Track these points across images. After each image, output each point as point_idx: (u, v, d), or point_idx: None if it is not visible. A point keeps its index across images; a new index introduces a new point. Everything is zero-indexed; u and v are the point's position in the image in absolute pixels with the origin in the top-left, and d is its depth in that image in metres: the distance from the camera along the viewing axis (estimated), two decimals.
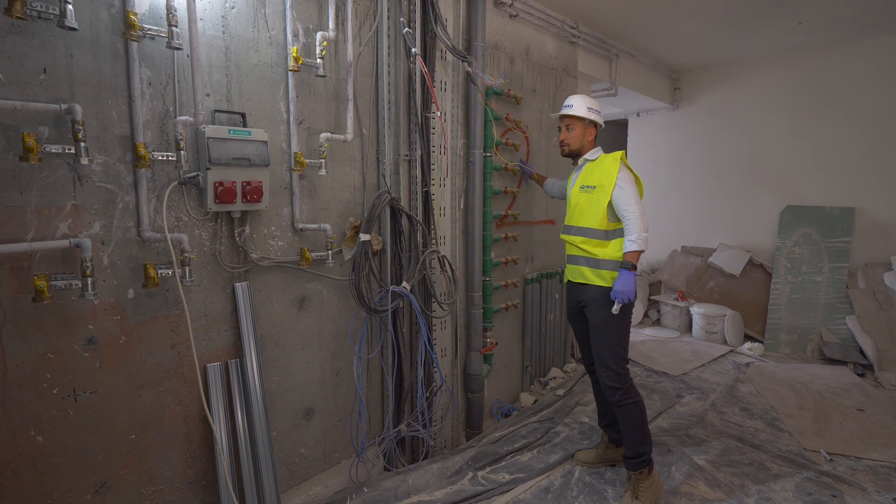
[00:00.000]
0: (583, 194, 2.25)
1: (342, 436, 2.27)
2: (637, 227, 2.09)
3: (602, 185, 2.17)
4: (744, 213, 4.98)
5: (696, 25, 3.79)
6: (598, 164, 2.26)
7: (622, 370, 2.17)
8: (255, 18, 1.81)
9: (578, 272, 2.27)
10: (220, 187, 1.66)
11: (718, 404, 3.21)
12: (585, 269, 2.24)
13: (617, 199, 2.13)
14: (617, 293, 2.07)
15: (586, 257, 2.23)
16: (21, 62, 1.34)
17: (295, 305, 2.05)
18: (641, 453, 2.15)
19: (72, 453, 1.51)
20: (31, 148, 1.29)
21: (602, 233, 2.19)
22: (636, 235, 2.08)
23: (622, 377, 2.16)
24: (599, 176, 2.19)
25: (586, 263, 2.23)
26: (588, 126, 2.32)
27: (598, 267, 2.19)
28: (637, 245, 2.07)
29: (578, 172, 2.34)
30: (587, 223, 2.23)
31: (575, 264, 2.29)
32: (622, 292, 2.06)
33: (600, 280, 2.18)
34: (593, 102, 2.33)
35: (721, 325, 4.46)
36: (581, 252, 2.25)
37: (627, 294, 2.06)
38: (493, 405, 3.08)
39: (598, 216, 2.18)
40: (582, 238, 2.24)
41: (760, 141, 4.83)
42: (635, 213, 2.09)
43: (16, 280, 1.37)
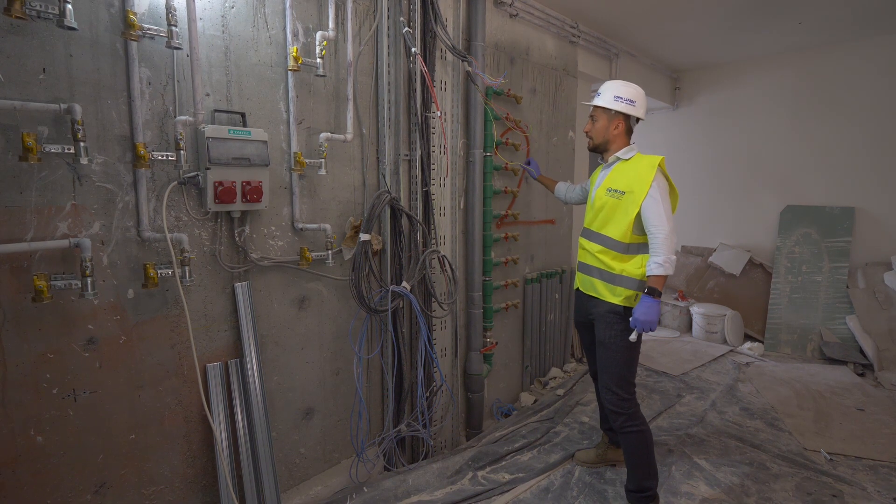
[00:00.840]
0: (609, 198, 2.01)
1: (342, 436, 2.27)
2: (665, 248, 1.85)
3: (632, 192, 1.94)
4: (744, 212, 4.97)
5: (697, 25, 3.79)
6: (631, 165, 2.01)
7: (627, 395, 2.00)
8: (254, 18, 1.81)
9: (590, 284, 2.11)
10: (220, 187, 1.66)
11: (718, 404, 3.21)
12: (598, 283, 2.06)
13: (647, 212, 1.90)
14: (637, 321, 1.86)
15: (601, 269, 2.05)
16: (21, 62, 1.34)
17: (295, 305, 2.05)
18: (645, 488, 2.00)
19: (72, 453, 1.51)
20: (30, 148, 1.29)
21: (623, 245, 1.98)
22: (664, 258, 1.85)
23: (627, 402, 2.00)
24: (631, 180, 1.96)
25: (600, 276, 2.06)
26: (615, 118, 2.05)
27: (612, 282, 2.01)
28: (664, 269, 1.85)
29: (607, 171, 2.10)
30: (609, 232, 2.02)
31: (587, 275, 2.12)
32: (644, 321, 1.85)
33: (613, 297, 2.00)
34: (627, 90, 2.05)
35: (721, 325, 4.46)
36: (597, 263, 2.06)
37: (650, 324, 1.85)
38: (493, 405, 3.07)
39: (623, 226, 1.96)
40: (600, 248, 2.05)
41: (760, 141, 4.83)
42: (665, 230, 1.86)
43: (16, 280, 1.37)
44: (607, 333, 2.02)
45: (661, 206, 1.89)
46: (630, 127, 2.09)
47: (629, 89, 2.05)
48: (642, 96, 2.08)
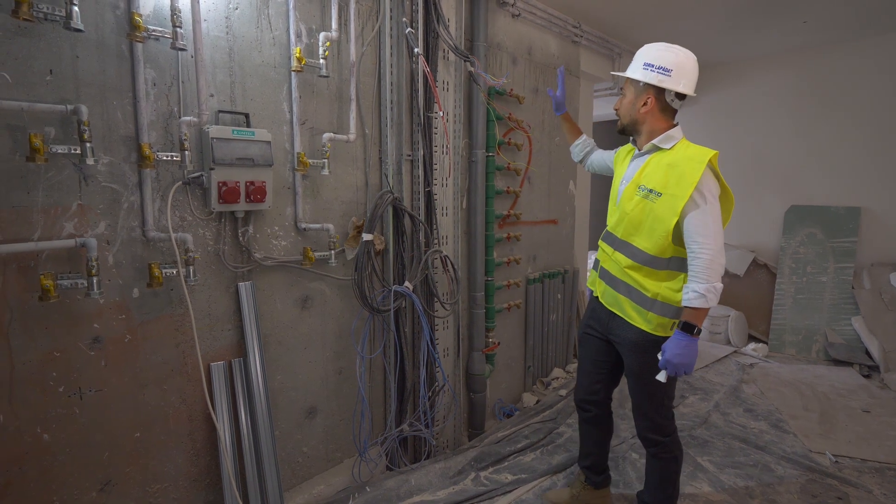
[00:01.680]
0: (640, 199, 1.62)
1: (345, 435, 2.28)
2: (709, 273, 1.47)
3: (673, 195, 1.53)
4: (747, 212, 4.95)
5: (699, 24, 3.78)
6: (670, 158, 1.59)
7: (666, 419, 1.74)
8: (258, 19, 1.82)
9: (615, 300, 1.75)
10: (224, 187, 1.67)
11: (722, 405, 3.20)
12: (626, 303, 1.69)
13: (690, 224, 1.51)
14: (670, 364, 1.52)
15: (630, 287, 1.67)
16: (28, 63, 1.35)
17: (298, 305, 2.06)
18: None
19: (77, 451, 1.52)
20: (37, 148, 1.31)
21: (663, 261, 1.60)
22: (706, 286, 1.47)
23: (665, 428, 1.73)
24: (670, 178, 1.55)
25: (628, 295, 1.68)
26: (644, 91, 1.63)
27: (644, 306, 1.64)
28: (705, 301, 1.48)
29: (640, 161, 1.69)
30: (640, 243, 1.63)
31: (612, 288, 1.76)
32: (678, 364, 1.50)
33: (645, 323, 1.64)
34: (662, 55, 1.60)
35: (725, 326, 4.44)
36: (625, 278, 1.69)
37: (686, 367, 1.51)
38: (496, 405, 3.08)
39: (658, 236, 1.58)
40: (629, 262, 1.66)
41: (764, 140, 4.81)
42: (711, 251, 1.48)
43: (23, 279, 1.39)
44: (642, 363, 1.68)
45: (708, 218, 1.50)
46: (667, 104, 1.63)
47: (666, 54, 1.59)
48: (687, 64, 1.60)
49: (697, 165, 1.53)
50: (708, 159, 1.54)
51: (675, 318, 1.62)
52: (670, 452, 1.77)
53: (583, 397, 1.98)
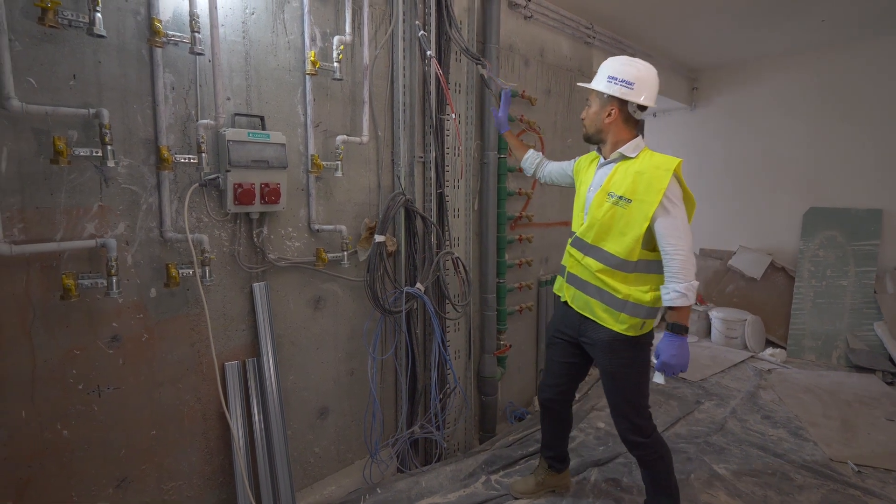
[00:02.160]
0: (610, 205, 1.69)
1: (356, 436, 2.29)
2: (685, 272, 1.56)
3: (643, 201, 1.62)
4: (765, 214, 4.87)
5: (715, 24, 3.74)
6: (638, 166, 1.68)
7: (644, 420, 1.78)
8: (273, 24, 1.85)
9: (585, 303, 1.80)
10: (240, 189, 1.70)
11: (739, 411, 3.14)
12: (596, 305, 1.75)
13: (662, 228, 1.60)
14: (666, 366, 1.59)
15: (601, 290, 1.73)
16: (52, 69, 1.39)
17: (311, 305, 2.08)
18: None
19: (95, 448, 1.55)
20: (61, 151, 1.34)
21: (631, 264, 1.67)
22: (684, 285, 1.56)
23: (645, 429, 1.78)
24: (639, 185, 1.64)
25: (599, 298, 1.74)
26: (608, 103, 1.72)
27: (615, 307, 1.70)
28: (686, 299, 1.56)
29: (607, 169, 1.77)
30: (610, 247, 1.70)
31: (582, 291, 1.81)
32: (674, 366, 1.57)
33: (616, 324, 1.71)
34: (625, 68, 1.69)
35: (741, 330, 4.37)
36: (596, 282, 1.74)
37: (682, 367, 1.58)
38: (507, 408, 3.06)
39: (628, 241, 1.65)
40: (601, 266, 1.72)
41: (781, 141, 4.73)
42: (684, 251, 1.57)
43: (45, 279, 1.42)
44: (616, 363, 1.75)
45: (678, 222, 1.59)
46: (629, 115, 1.72)
47: (629, 68, 1.69)
48: (647, 78, 1.71)
49: (664, 173, 1.62)
50: (674, 167, 1.63)
51: (646, 318, 1.71)
52: (655, 453, 1.81)
53: (549, 396, 2.05)
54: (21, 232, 1.38)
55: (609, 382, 1.81)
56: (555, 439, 2.14)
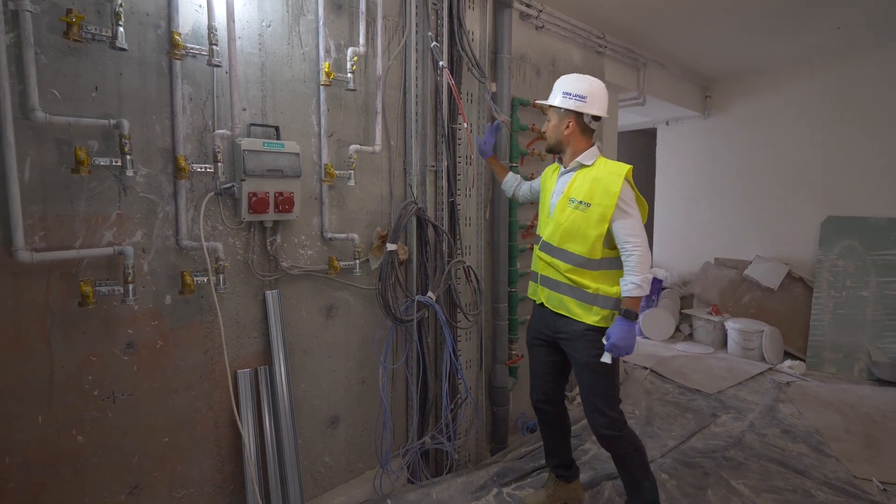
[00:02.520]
0: (572, 210, 1.85)
1: (366, 446, 2.27)
2: (641, 267, 1.75)
3: (600, 205, 1.79)
4: (781, 223, 4.79)
5: (728, 33, 3.72)
6: (594, 173, 1.85)
7: (618, 413, 1.89)
8: (289, 36, 1.88)
9: (559, 301, 1.93)
10: (254, 198, 1.72)
11: (757, 425, 3.06)
12: (570, 302, 1.89)
13: (619, 228, 1.78)
14: (615, 347, 1.75)
15: (572, 287, 1.88)
16: (75, 81, 1.43)
17: (322, 314, 2.08)
18: (653, 501, 1.92)
19: (109, 454, 1.56)
20: (81, 161, 1.37)
21: (595, 262, 1.84)
22: (640, 278, 1.74)
23: (619, 422, 1.88)
24: (596, 191, 1.80)
25: (571, 294, 1.88)
26: (566, 116, 1.89)
27: (587, 301, 1.85)
28: (641, 290, 1.74)
29: (567, 178, 1.93)
30: (575, 248, 1.86)
31: (555, 291, 1.94)
32: (622, 347, 1.74)
33: (592, 317, 1.85)
34: (578, 84, 1.88)
35: (758, 342, 4.28)
36: (566, 281, 1.89)
37: (628, 349, 1.75)
38: (518, 419, 3.02)
39: (590, 242, 1.82)
40: (568, 266, 1.88)
41: (797, 149, 4.66)
42: (640, 247, 1.76)
43: (64, 285, 1.45)
44: (590, 353, 1.85)
45: (634, 221, 1.78)
46: (585, 126, 1.90)
47: (580, 84, 1.88)
48: (598, 91, 1.89)
49: (617, 178, 1.79)
50: (625, 173, 1.80)
51: (615, 309, 1.85)
52: (630, 445, 1.90)
53: (539, 397, 2.13)
54: (42, 239, 1.41)
55: (584, 375, 1.91)
56: (555, 444, 2.17)
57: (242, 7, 1.74)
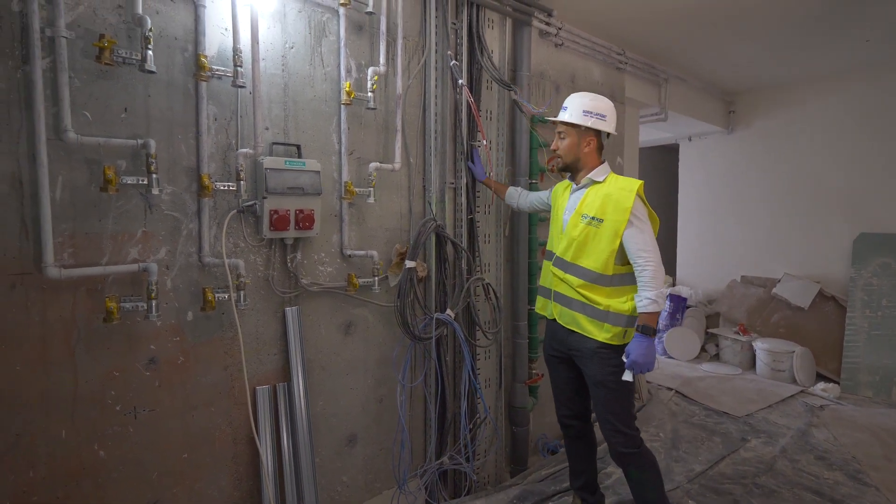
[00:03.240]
0: (584, 225, 1.86)
1: (384, 465, 2.24)
2: (655, 281, 1.73)
3: (612, 220, 1.80)
4: (811, 240, 4.64)
5: (752, 47, 3.67)
6: (606, 189, 1.86)
7: (633, 430, 1.89)
8: (311, 57, 1.92)
9: (571, 318, 1.93)
10: (275, 215, 1.74)
11: (790, 451, 2.93)
12: (582, 318, 1.89)
13: (631, 242, 1.78)
14: (636, 364, 1.73)
15: (583, 304, 1.88)
16: (106, 103, 1.47)
17: (341, 331, 2.08)
18: None
19: (130, 469, 1.57)
20: (110, 180, 1.41)
21: (607, 278, 1.84)
22: (655, 293, 1.73)
23: (636, 438, 1.88)
24: (608, 206, 1.82)
25: (583, 311, 1.88)
26: (586, 134, 1.92)
27: (598, 318, 1.85)
28: (657, 305, 1.73)
29: (579, 194, 1.95)
30: (588, 263, 1.86)
31: (567, 307, 1.94)
32: (642, 364, 1.72)
33: (601, 334, 1.85)
34: (596, 103, 1.92)
35: (789, 363, 4.11)
36: (578, 297, 1.89)
37: (649, 365, 1.72)
38: (539, 440, 2.95)
39: (603, 257, 1.82)
40: (580, 282, 1.87)
41: (827, 164, 4.53)
42: (653, 261, 1.75)
43: (90, 301, 1.48)
44: (604, 371, 1.85)
45: (646, 236, 1.78)
46: (602, 144, 1.96)
47: (599, 103, 1.92)
48: (612, 109, 1.96)
49: (629, 194, 1.80)
50: (636, 188, 1.81)
51: (627, 326, 1.84)
52: (647, 461, 1.89)
53: (564, 413, 2.12)
54: (70, 256, 1.44)
55: (598, 393, 1.90)
56: (581, 463, 2.15)
57: (267, 30, 1.78)
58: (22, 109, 1.35)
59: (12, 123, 1.34)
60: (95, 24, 1.44)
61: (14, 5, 1.33)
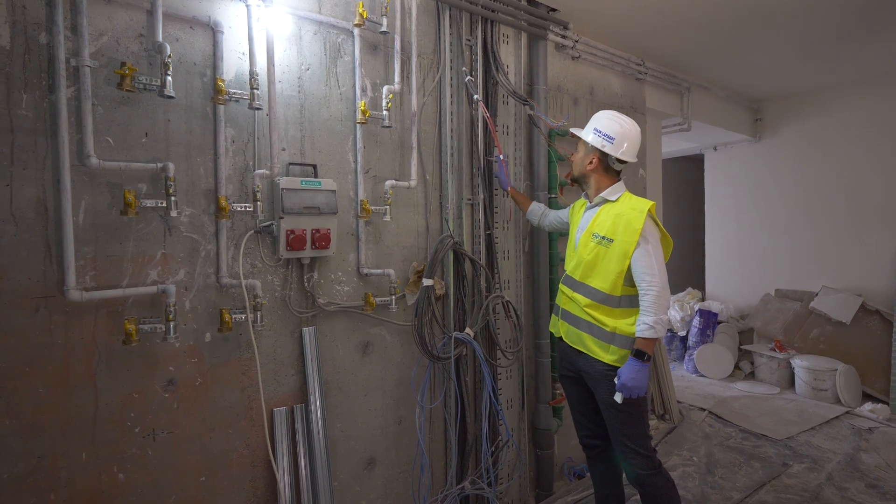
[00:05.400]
0: (595, 245, 1.84)
1: (404, 489, 2.18)
2: (656, 307, 1.70)
3: (622, 241, 1.77)
4: (850, 252, 4.41)
5: (779, 55, 3.56)
6: (618, 208, 1.83)
7: (649, 451, 1.84)
8: (327, 77, 1.94)
9: (578, 338, 1.91)
10: (292, 235, 1.74)
11: (837, 478, 2.73)
12: (588, 339, 1.87)
13: (637, 264, 1.74)
14: (625, 388, 1.71)
15: (590, 324, 1.86)
16: (127, 128, 1.51)
17: (359, 351, 2.05)
18: None
19: (148, 492, 1.56)
20: (130, 203, 1.43)
21: (615, 299, 1.81)
22: (654, 318, 1.69)
23: (651, 459, 1.83)
24: (619, 226, 1.79)
25: (590, 332, 1.86)
26: (591, 152, 1.89)
27: (604, 340, 1.82)
28: (654, 332, 1.69)
29: (592, 213, 1.93)
30: (595, 283, 1.84)
31: (574, 327, 1.93)
32: (632, 387, 1.70)
33: (609, 356, 1.82)
34: (609, 124, 1.86)
35: (832, 381, 3.88)
36: (585, 317, 1.87)
37: (639, 390, 1.70)
38: (565, 464, 2.83)
39: (611, 277, 1.79)
40: (588, 301, 1.86)
41: (864, 172, 4.33)
42: (657, 287, 1.71)
43: (111, 323, 1.49)
44: (611, 393, 1.79)
45: (653, 259, 1.73)
46: (608, 165, 1.89)
47: (612, 124, 1.85)
48: (630, 135, 1.86)
49: (639, 215, 1.77)
50: (647, 209, 1.78)
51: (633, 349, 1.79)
52: (666, 482, 1.84)
53: (584, 433, 2.07)
54: (92, 279, 1.46)
55: (610, 415, 1.86)
56: (605, 485, 2.08)
57: (283, 52, 1.81)
58: (48, 137, 1.39)
59: (38, 151, 1.38)
60: (118, 53, 1.49)
61: (41, 38, 1.38)
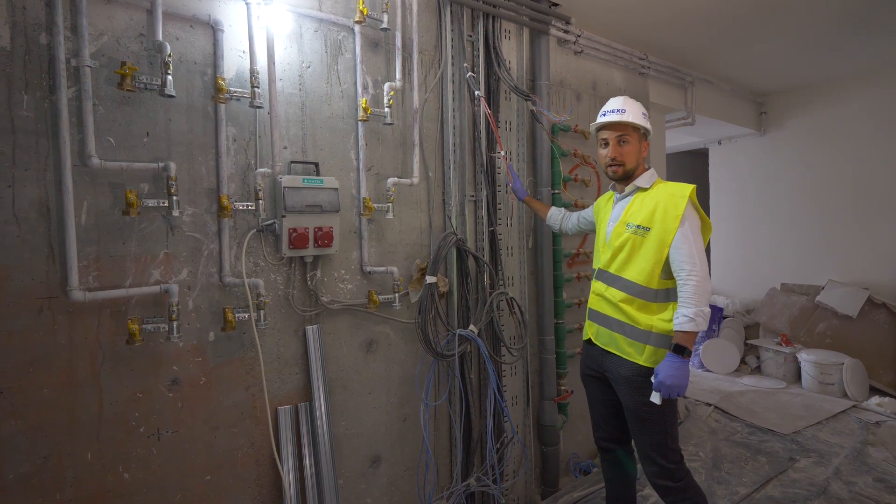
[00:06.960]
0: (629, 235, 1.72)
1: (409, 487, 2.18)
2: (697, 298, 1.56)
3: (660, 229, 1.65)
4: (856, 245, 4.37)
5: (784, 47, 3.52)
6: (653, 196, 1.72)
7: (674, 463, 1.71)
8: (328, 75, 1.93)
9: (610, 338, 1.78)
10: (294, 233, 1.73)
11: (844, 472, 2.71)
12: (621, 339, 1.74)
13: (677, 252, 1.62)
14: (663, 386, 1.57)
15: (622, 323, 1.73)
16: (129, 128, 1.51)
17: (363, 348, 2.05)
18: None
19: (153, 492, 1.56)
20: (132, 203, 1.43)
21: (651, 292, 1.68)
22: (695, 310, 1.56)
23: (676, 472, 1.70)
24: (657, 214, 1.67)
25: (621, 331, 1.73)
26: (643, 138, 1.83)
27: (638, 340, 1.69)
28: (695, 324, 1.55)
29: (624, 203, 1.81)
30: (631, 275, 1.71)
31: (606, 327, 1.80)
32: (671, 386, 1.56)
33: (640, 357, 1.69)
34: (641, 105, 1.84)
35: (838, 375, 3.85)
36: (619, 315, 1.74)
37: (678, 388, 1.56)
38: (570, 460, 2.83)
39: (648, 268, 1.67)
40: (624, 296, 1.73)
41: (871, 164, 4.28)
42: (697, 276, 1.57)
43: (114, 323, 1.49)
44: (637, 400, 1.70)
45: (693, 247, 1.60)
46: None
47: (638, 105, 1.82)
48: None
49: (680, 200, 1.65)
50: (689, 194, 1.65)
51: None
52: (689, 499, 1.71)
53: (601, 436, 1.98)
54: (95, 279, 1.46)
55: (634, 422, 1.76)
56: (617, 487, 1.99)
57: (284, 50, 1.80)
58: (49, 138, 1.39)
59: (40, 151, 1.38)
60: (118, 53, 1.48)
61: (42, 38, 1.38)
